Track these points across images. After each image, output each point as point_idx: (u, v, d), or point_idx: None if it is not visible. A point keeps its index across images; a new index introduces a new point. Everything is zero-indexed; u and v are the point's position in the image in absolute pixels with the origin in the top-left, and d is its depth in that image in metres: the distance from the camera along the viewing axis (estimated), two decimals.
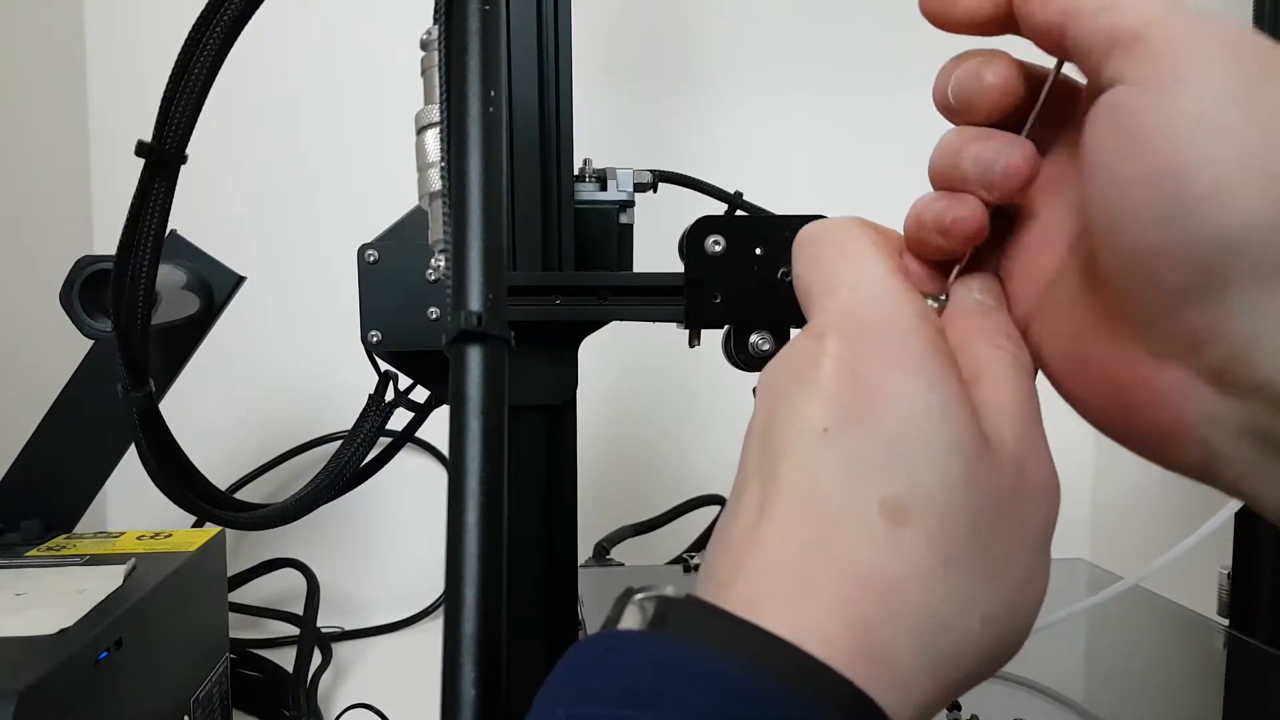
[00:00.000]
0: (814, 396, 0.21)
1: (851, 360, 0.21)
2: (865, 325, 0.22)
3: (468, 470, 0.26)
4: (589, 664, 0.19)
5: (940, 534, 0.20)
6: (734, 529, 0.21)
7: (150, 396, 0.50)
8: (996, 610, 0.20)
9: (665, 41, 0.94)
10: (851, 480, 0.20)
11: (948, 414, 0.20)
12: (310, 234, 0.90)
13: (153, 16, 0.87)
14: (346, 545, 0.92)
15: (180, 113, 0.41)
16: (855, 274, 0.23)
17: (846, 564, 0.19)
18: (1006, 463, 0.21)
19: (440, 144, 0.32)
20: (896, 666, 0.19)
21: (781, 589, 0.19)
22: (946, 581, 0.19)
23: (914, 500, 0.20)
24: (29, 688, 0.38)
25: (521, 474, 0.52)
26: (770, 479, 0.21)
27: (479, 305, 0.27)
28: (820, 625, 0.18)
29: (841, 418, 0.20)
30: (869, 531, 0.19)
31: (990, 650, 0.20)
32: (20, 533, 0.60)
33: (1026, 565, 0.21)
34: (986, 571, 0.20)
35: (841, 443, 0.20)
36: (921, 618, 0.19)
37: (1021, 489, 0.21)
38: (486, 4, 0.30)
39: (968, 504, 0.20)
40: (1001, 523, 0.21)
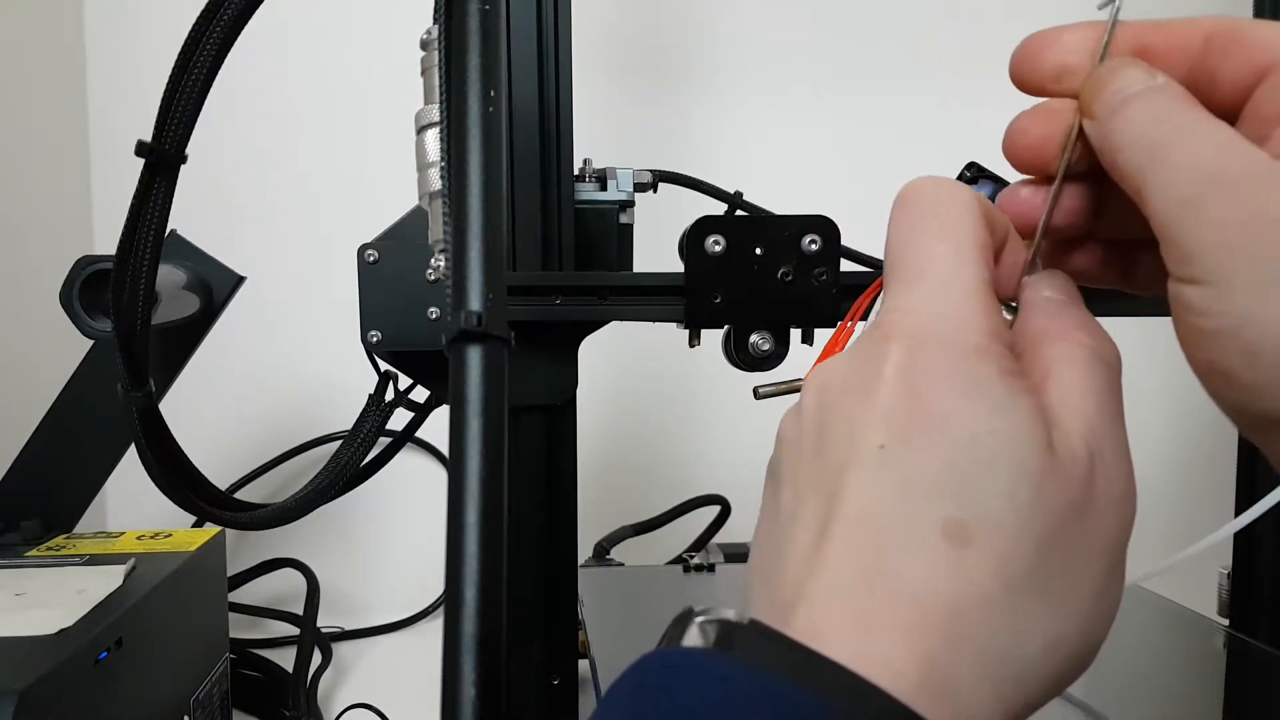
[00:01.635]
0: (871, 409, 0.20)
1: (913, 374, 0.20)
2: (934, 339, 0.21)
3: (468, 470, 0.26)
4: (652, 680, 0.18)
5: (1003, 557, 0.19)
6: (792, 548, 0.21)
7: (150, 396, 0.50)
8: (1062, 631, 0.20)
9: (665, 41, 0.94)
10: (911, 501, 0.19)
11: (1013, 439, 0.20)
12: (310, 234, 0.90)
13: (153, 16, 0.87)
14: (346, 545, 0.92)
15: (180, 112, 0.42)
16: (943, 273, 0.22)
17: (911, 592, 0.19)
18: (1076, 476, 0.20)
19: (440, 144, 0.32)
20: (962, 697, 0.18)
21: (847, 617, 0.19)
22: (1006, 607, 0.19)
23: (977, 521, 0.19)
24: (29, 688, 0.38)
25: (521, 474, 0.52)
26: (832, 498, 0.20)
27: (479, 305, 0.27)
28: (888, 657, 0.18)
29: (899, 436, 0.20)
30: (931, 555, 0.19)
31: (1053, 674, 0.20)
32: (20, 533, 0.60)
33: (1096, 581, 0.20)
34: (1049, 594, 0.19)
35: (899, 461, 0.20)
36: (983, 646, 0.19)
37: (1092, 501, 0.20)
38: (486, 4, 0.30)
39: (1032, 527, 0.19)
40: (1068, 540, 0.20)
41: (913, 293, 0.22)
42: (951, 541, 0.19)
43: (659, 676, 0.18)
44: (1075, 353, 0.22)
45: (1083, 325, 0.23)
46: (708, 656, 0.19)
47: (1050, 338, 0.23)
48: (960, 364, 0.20)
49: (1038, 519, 0.19)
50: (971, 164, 0.47)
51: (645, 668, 0.19)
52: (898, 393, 0.20)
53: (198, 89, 0.41)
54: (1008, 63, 0.27)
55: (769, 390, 0.28)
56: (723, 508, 0.87)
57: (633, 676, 0.19)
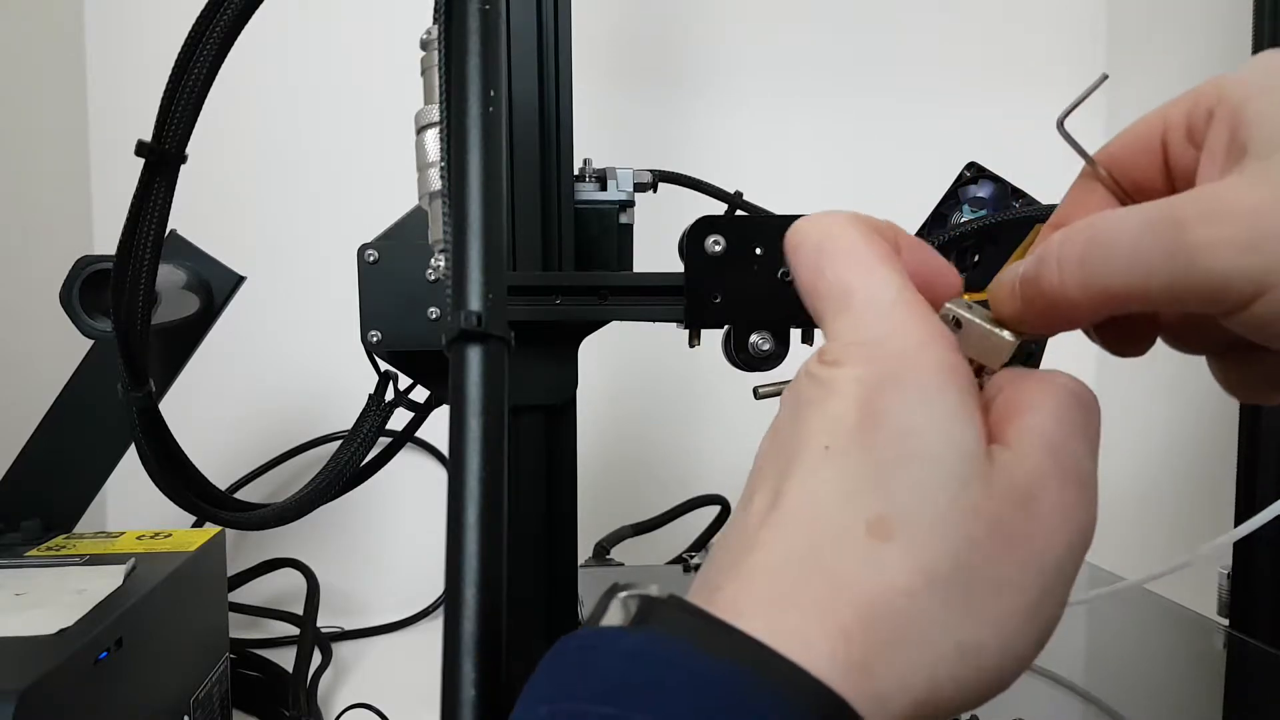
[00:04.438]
0: (821, 415, 0.21)
1: (862, 387, 0.21)
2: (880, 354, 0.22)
3: (468, 470, 0.26)
4: (571, 661, 0.19)
5: (923, 555, 0.20)
6: (734, 534, 0.22)
7: (150, 396, 0.50)
8: (980, 640, 0.20)
9: (665, 42, 0.94)
10: (845, 498, 0.20)
11: (942, 440, 0.20)
12: (310, 234, 0.90)
13: (153, 16, 0.87)
14: (346, 545, 0.92)
15: (180, 112, 0.42)
16: (866, 291, 0.22)
17: (832, 576, 0.19)
18: (1012, 490, 0.20)
19: (440, 144, 0.32)
20: (876, 678, 0.19)
21: (767, 595, 0.20)
22: (924, 601, 0.19)
23: (901, 519, 0.20)
24: (29, 687, 0.38)
25: (522, 474, 0.52)
26: (776, 491, 0.21)
27: (479, 305, 0.27)
28: (800, 631, 0.19)
29: (842, 438, 0.21)
30: (855, 547, 0.20)
31: (968, 679, 0.20)
32: (20, 533, 0.60)
33: (1028, 601, 0.20)
34: (971, 600, 0.20)
35: (839, 462, 0.21)
36: (898, 634, 0.19)
37: (1036, 523, 0.20)
38: (486, 4, 0.30)
39: (954, 529, 0.20)
40: (999, 554, 0.20)
41: (845, 318, 0.23)
42: (874, 536, 0.20)
43: (575, 656, 0.19)
44: (1055, 389, 0.22)
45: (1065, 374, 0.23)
46: (620, 634, 0.19)
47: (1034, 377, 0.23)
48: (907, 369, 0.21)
49: (961, 523, 0.20)
50: (971, 164, 0.47)
51: (563, 650, 0.19)
52: (848, 402, 0.21)
53: (198, 89, 0.41)
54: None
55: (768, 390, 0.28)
56: (723, 508, 0.87)
57: (551, 658, 0.19)
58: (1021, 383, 0.23)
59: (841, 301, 0.23)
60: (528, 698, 0.19)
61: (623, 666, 0.18)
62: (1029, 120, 0.96)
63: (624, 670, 0.18)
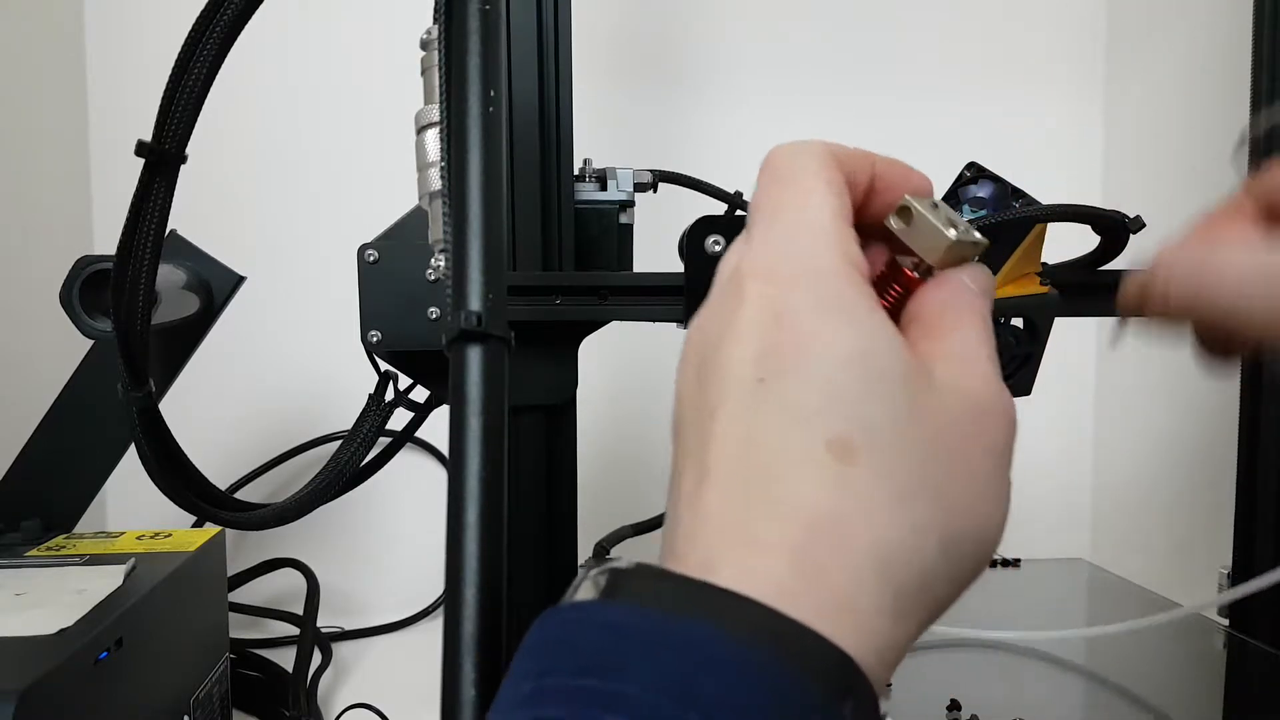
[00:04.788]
0: (743, 347, 0.21)
1: (776, 305, 0.21)
2: (790, 269, 0.22)
3: (468, 470, 0.26)
4: (553, 636, 0.19)
5: (891, 467, 0.20)
6: (679, 497, 0.21)
7: (150, 396, 0.50)
8: (958, 530, 0.20)
9: (665, 41, 0.94)
10: (794, 427, 0.20)
11: (884, 355, 0.21)
12: (310, 234, 0.90)
13: (153, 16, 0.87)
14: (346, 545, 0.92)
15: (180, 112, 0.41)
16: (795, 213, 0.23)
17: (795, 509, 0.19)
18: (952, 391, 0.21)
19: (440, 143, 0.32)
20: (856, 609, 0.19)
21: (731, 544, 0.19)
22: (901, 512, 0.19)
23: (861, 435, 0.20)
24: (29, 687, 0.38)
25: (522, 474, 0.52)
26: (708, 437, 0.21)
27: (479, 305, 0.27)
28: (773, 574, 0.18)
29: (774, 367, 0.20)
30: (816, 472, 0.19)
31: (953, 574, 0.20)
32: (20, 533, 0.60)
33: (986, 485, 0.21)
34: (942, 498, 0.20)
35: (779, 392, 0.20)
36: (877, 551, 0.19)
37: (974, 415, 0.21)
38: (486, 4, 0.30)
39: (916, 434, 0.20)
40: (955, 449, 0.21)
41: (766, 232, 0.23)
42: (837, 458, 0.19)
43: (560, 630, 0.19)
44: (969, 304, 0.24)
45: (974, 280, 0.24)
46: (600, 607, 0.19)
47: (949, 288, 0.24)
48: (819, 289, 0.21)
49: (920, 429, 0.20)
50: (971, 164, 0.47)
51: (547, 623, 0.19)
52: (766, 326, 0.21)
53: (198, 89, 0.41)
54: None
55: None
56: None
57: (536, 632, 0.19)
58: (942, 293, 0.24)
59: (769, 216, 0.23)
60: (513, 675, 0.19)
61: (603, 638, 0.18)
62: (1029, 119, 0.96)
63: (604, 642, 0.18)
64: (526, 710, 0.17)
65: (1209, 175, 0.79)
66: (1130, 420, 0.92)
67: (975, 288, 0.24)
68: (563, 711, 0.17)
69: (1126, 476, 0.93)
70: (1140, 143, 0.91)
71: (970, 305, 0.23)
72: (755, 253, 0.22)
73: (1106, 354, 0.96)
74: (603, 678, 0.17)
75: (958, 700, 0.51)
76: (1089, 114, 0.95)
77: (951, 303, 0.23)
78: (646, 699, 0.16)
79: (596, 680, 0.17)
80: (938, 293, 0.24)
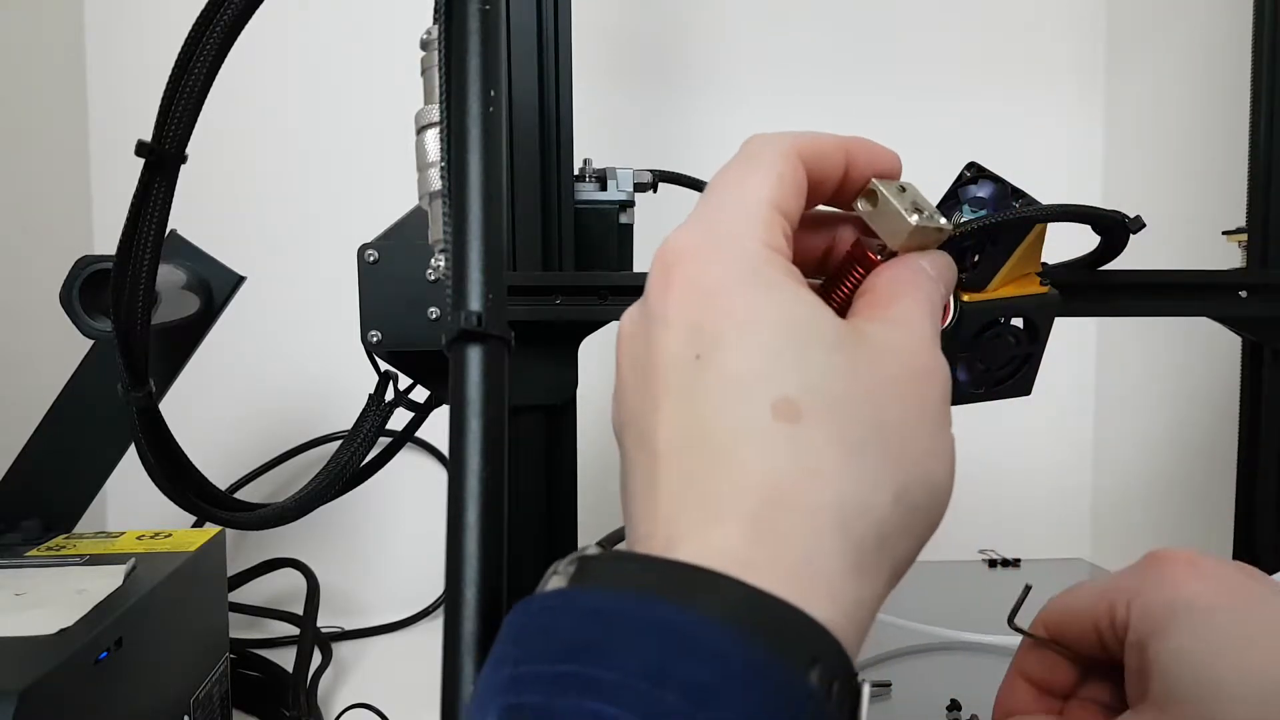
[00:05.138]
0: (674, 330, 0.21)
1: (700, 283, 0.21)
2: (709, 246, 0.22)
3: (468, 470, 0.26)
4: (532, 624, 0.19)
5: (838, 422, 0.20)
6: (636, 480, 0.21)
7: (150, 396, 0.50)
8: (906, 481, 0.21)
9: (665, 42, 0.94)
10: (737, 395, 0.20)
11: (815, 320, 0.21)
12: (310, 234, 0.90)
13: (153, 16, 0.87)
14: (346, 545, 0.92)
15: (180, 112, 0.41)
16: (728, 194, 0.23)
17: (748, 477, 0.19)
18: (887, 350, 0.22)
19: (440, 143, 0.32)
20: (818, 569, 0.19)
21: (691, 519, 0.19)
22: (854, 467, 0.20)
23: (804, 396, 0.20)
24: (29, 687, 0.38)
25: (522, 474, 0.52)
26: (655, 424, 0.21)
27: (479, 305, 0.27)
28: (733, 543, 0.19)
29: (708, 342, 0.20)
30: (766, 437, 0.19)
31: (910, 523, 0.21)
32: (20, 533, 0.60)
33: (929, 437, 0.22)
34: (889, 450, 0.20)
35: (717, 364, 0.20)
36: (834, 509, 0.19)
37: (910, 374, 0.22)
38: (486, 4, 0.30)
39: (856, 390, 0.20)
40: (894, 405, 0.21)
41: (699, 211, 0.23)
42: (783, 419, 0.20)
43: (538, 618, 0.19)
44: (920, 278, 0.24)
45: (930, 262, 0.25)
46: (577, 594, 0.19)
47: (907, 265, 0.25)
48: (741, 264, 0.22)
49: (858, 385, 0.21)
50: (971, 164, 0.47)
51: (525, 610, 0.19)
52: (692, 304, 0.21)
53: (198, 89, 0.41)
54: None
55: None
56: None
57: (513, 619, 0.19)
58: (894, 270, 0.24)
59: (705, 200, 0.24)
60: (492, 663, 0.19)
61: (576, 624, 0.18)
62: (1030, 119, 0.96)
63: (577, 627, 0.18)
64: (504, 697, 0.17)
65: (1209, 175, 0.79)
66: (1130, 420, 0.92)
67: (931, 271, 0.25)
68: (540, 697, 0.17)
69: (1126, 476, 0.93)
70: (1141, 142, 0.91)
71: (918, 283, 0.24)
72: (683, 230, 0.23)
73: (1106, 354, 0.96)
74: (578, 663, 0.17)
75: (957, 700, 0.51)
76: (1089, 113, 0.95)
77: (901, 278, 0.24)
78: (622, 682, 0.17)
79: (572, 665, 0.17)
80: (890, 270, 0.24)
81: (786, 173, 0.23)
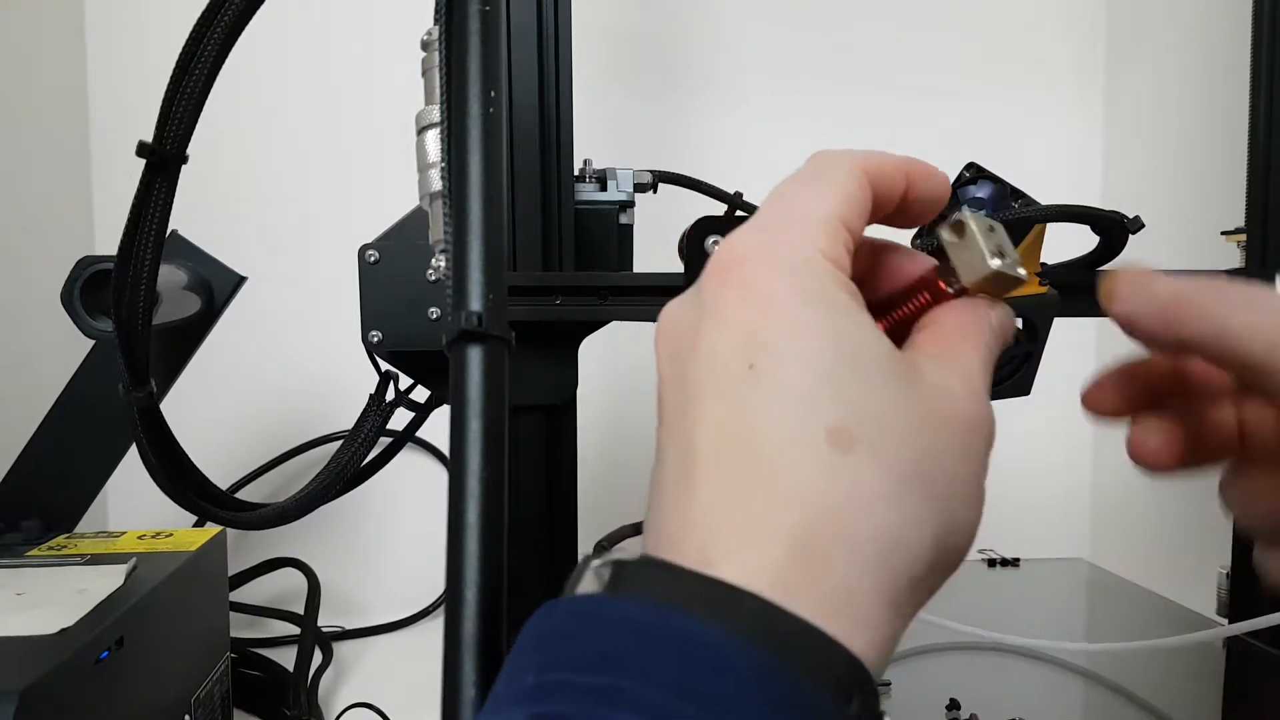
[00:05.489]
0: (727, 328, 0.21)
1: (760, 290, 0.21)
2: (772, 255, 0.21)
3: (468, 470, 0.26)
4: (558, 629, 0.18)
5: (890, 456, 0.20)
6: (670, 481, 0.21)
7: (151, 396, 0.50)
8: (945, 523, 0.20)
9: (666, 42, 0.94)
10: (792, 414, 0.19)
11: (872, 344, 0.21)
12: (310, 234, 0.90)
13: (153, 17, 0.87)
14: (347, 545, 0.92)
15: (181, 113, 0.42)
16: (794, 205, 0.23)
17: (795, 498, 0.19)
18: (943, 394, 0.21)
19: (440, 144, 0.32)
20: (857, 602, 0.18)
21: (732, 536, 0.19)
22: (900, 502, 0.19)
23: (860, 425, 0.19)
24: (30, 687, 0.38)
25: (522, 474, 0.52)
26: (693, 422, 0.20)
27: (479, 305, 0.27)
28: (776, 567, 0.18)
29: (766, 354, 0.20)
30: (816, 461, 0.19)
31: (942, 564, 0.21)
32: (21, 532, 0.60)
33: (968, 486, 0.21)
34: (935, 492, 0.20)
35: (774, 378, 0.20)
36: (878, 542, 0.19)
37: (960, 419, 0.22)
38: (487, 4, 0.30)
39: (909, 426, 0.20)
40: (945, 447, 0.21)
41: (761, 218, 0.23)
42: (837, 446, 0.19)
43: (564, 622, 0.18)
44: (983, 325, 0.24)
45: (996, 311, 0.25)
46: (600, 601, 0.19)
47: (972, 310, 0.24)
48: (804, 279, 0.21)
49: (911, 421, 0.20)
50: (971, 164, 0.47)
51: (550, 614, 0.19)
52: (750, 307, 0.21)
53: (198, 89, 0.41)
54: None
55: None
56: None
57: (538, 623, 0.19)
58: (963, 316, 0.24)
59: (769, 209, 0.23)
60: (513, 668, 0.18)
61: (610, 634, 0.18)
62: (1029, 120, 0.96)
63: (612, 637, 0.17)
64: (529, 706, 0.17)
65: (1208, 175, 0.79)
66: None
67: (995, 327, 0.24)
68: (568, 708, 0.16)
69: (1126, 476, 0.93)
70: (1140, 143, 0.91)
71: (982, 334, 0.23)
72: (745, 233, 0.22)
73: (1106, 354, 0.96)
74: (609, 674, 0.17)
75: (957, 700, 0.51)
76: (1088, 114, 0.95)
77: (968, 324, 0.23)
78: (654, 696, 0.16)
79: (602, 676, 0.17)
80: (960, 314, 0.24)
81: (853, 190, 0.23)
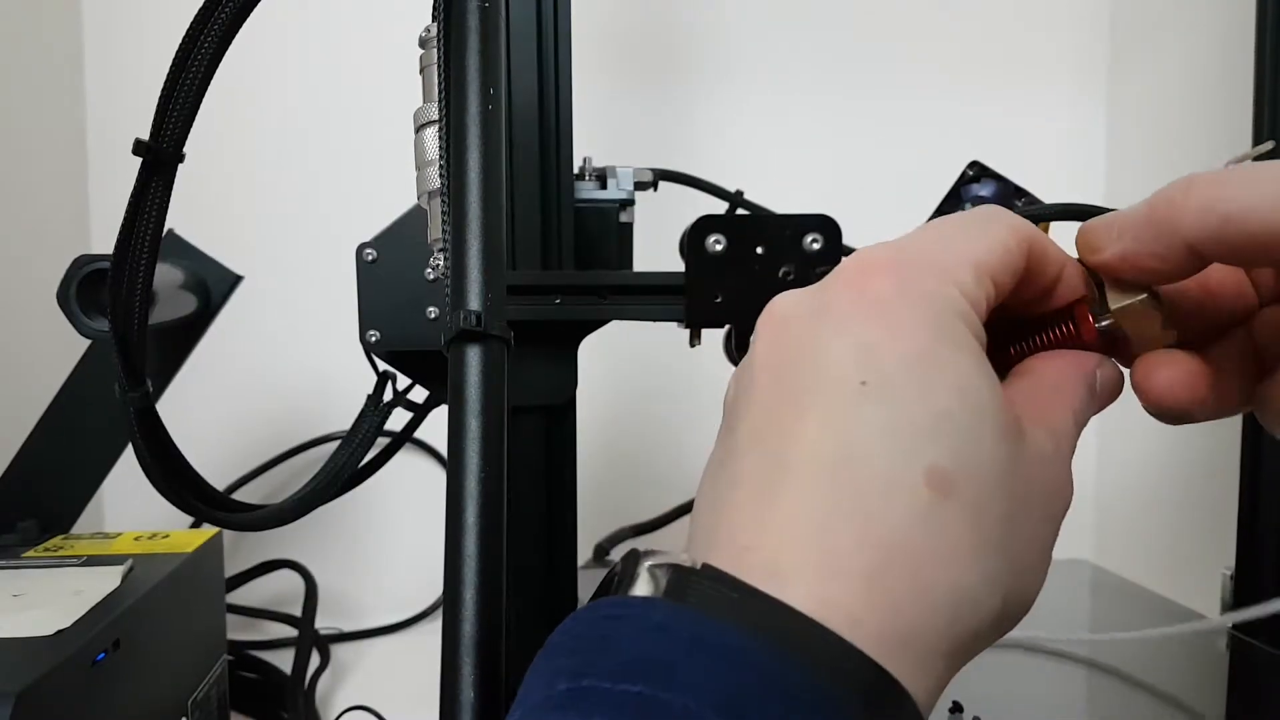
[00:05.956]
0: (847, 330, 0.20)
1: (891, 307, 0.20)
2: (922, 282, 0.21)
3: (467, 470, 0.26)
4: (594, 632, 0.18)
5: (981, 510, 0.19)
6: (748, 484, 0.20)
7: (147, 396, 0.49)
8: (1017, 594, 0.20)
9: (666, 40, 0.94)
10: (897, 447, 0.19)
11: (991, 394, 0.20)
12: (309, 233, 0.90)
13: (151, 15, 0.87)
14: (345, 546, 0.92)
15: (178, 111, 0.41)
16: (952, 241, 0.22)
17: (880, 535, 0.18)
18: (1040, 458, 0.21)
19: (439, 142, 0.32)
20: (918, 649, 0.18)
21: (807, 558, 0.18)
22: (983, 562, 0.19)
23: (959, 474, 0.19)
24: (26, 689, 0.37)
25: (521, 474, 0.52)
26: (790, 430, 0.20)
27: (478, 305, 0.27)
28: (847, 602, 0.18)
29: (882, 374, 0.19)
30: (910, 501, 0.18)
31: (1002, 627, 0.20)
32: (17, 533, 0.60)
33: (1040, 553, 0.21)
34: (1011, 554, 0.20)
35: (884, 403, 0.19)
36: (954, 597, 0.18)
37: (1050, 485, 0.21)
38: (486, 2, 0.30)
39: (1005, 485, 0.20)
40: (1029, 510, 0.21)
41: (902, 244, 0.22)
42: (934, 490, 0.18)
43: (600, 627, 0.18)
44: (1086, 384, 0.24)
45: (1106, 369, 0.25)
46: (649, 605, 0.18)
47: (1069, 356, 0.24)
48: (939, 306, 0.20)
49: (1008, 480, 0.20)
50: (974, 163, 0.47)
51: (585, 618, 0.18)
52: (876, 317, 0.20)
53: (195, 87, 0.41)
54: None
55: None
56: None
57: (572, 625, 0.18)
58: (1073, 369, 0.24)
59: (925, 233, 0.22)
60: (544, 670, 0.17)
61: (652, 642, 0.17)
62: (1032, 118, 0.96)
63: (653, 646, 0.17)
64: (561, 713, 0.16)
65: None
66: (1133, 420, 0.92)
67: (1098, 388, 0.24)
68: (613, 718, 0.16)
69: (1129, 477, 0.93)
70: (1143, 142, 0.91)
71: (1080, 398, 0.23)
72: (891, 246, 0.22)
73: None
74: (646, 683, 0.16)
75: (959, 703, 0.51)
76: (1092, 113, 0.94)
77: (1066, 386, 0.23)
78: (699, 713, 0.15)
79: (639, 686, 0.16)
80: (1060, 369, 0.24)
81: (1012, 248, 0.23)
